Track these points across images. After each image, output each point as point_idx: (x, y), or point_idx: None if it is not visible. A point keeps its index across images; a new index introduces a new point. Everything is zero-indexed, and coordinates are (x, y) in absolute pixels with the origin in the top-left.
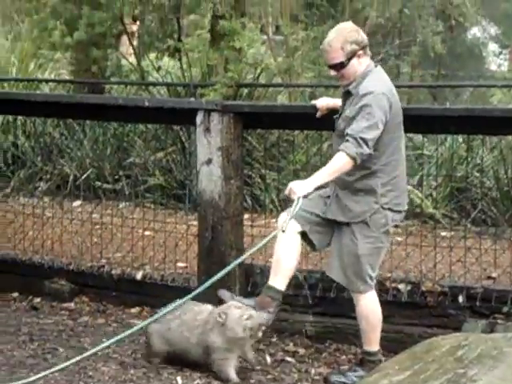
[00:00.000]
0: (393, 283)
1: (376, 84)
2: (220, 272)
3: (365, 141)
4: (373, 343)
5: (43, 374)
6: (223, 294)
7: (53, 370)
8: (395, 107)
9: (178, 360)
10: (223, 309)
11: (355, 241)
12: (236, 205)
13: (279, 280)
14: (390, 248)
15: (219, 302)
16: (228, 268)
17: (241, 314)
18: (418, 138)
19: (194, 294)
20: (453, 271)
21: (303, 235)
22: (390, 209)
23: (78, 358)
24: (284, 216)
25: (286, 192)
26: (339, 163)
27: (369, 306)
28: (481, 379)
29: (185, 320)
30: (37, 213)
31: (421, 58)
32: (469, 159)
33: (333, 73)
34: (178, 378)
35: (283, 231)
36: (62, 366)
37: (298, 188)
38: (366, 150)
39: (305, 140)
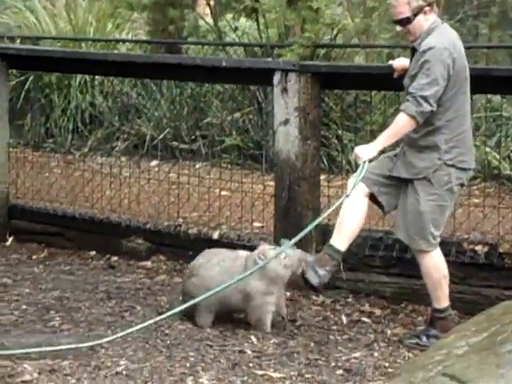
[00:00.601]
0: (470, 245)
1: (438, 39)
2: (296, 237)
3: (425, 98)
4: (441, 300)
5: (122, 334)
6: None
7: (131, 330)
8: (459, 62)
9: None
10: (260, 251)
11: (418, 198)
12: (313, 165)
13: (340, 240)
14: (467, 209)
15: None
16: (302, 233)
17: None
18: (497, 99)
19: (268, 259)
20: None
21: (372, 197)
22: (453, 165)
23: (156, 319)
24: (352, 180)
25: (353, 157)
26: (400, 124)
27: (431, 263)
28: None
29: (224, 267)
30: (114, 172)
31: (500, 19)
32: None
33: (398, 28)
34: (253, 337)
35: (347, 196)
36: (139, 326)
37: (363, 152)
38: (427, 108)
39: (382, 101)
